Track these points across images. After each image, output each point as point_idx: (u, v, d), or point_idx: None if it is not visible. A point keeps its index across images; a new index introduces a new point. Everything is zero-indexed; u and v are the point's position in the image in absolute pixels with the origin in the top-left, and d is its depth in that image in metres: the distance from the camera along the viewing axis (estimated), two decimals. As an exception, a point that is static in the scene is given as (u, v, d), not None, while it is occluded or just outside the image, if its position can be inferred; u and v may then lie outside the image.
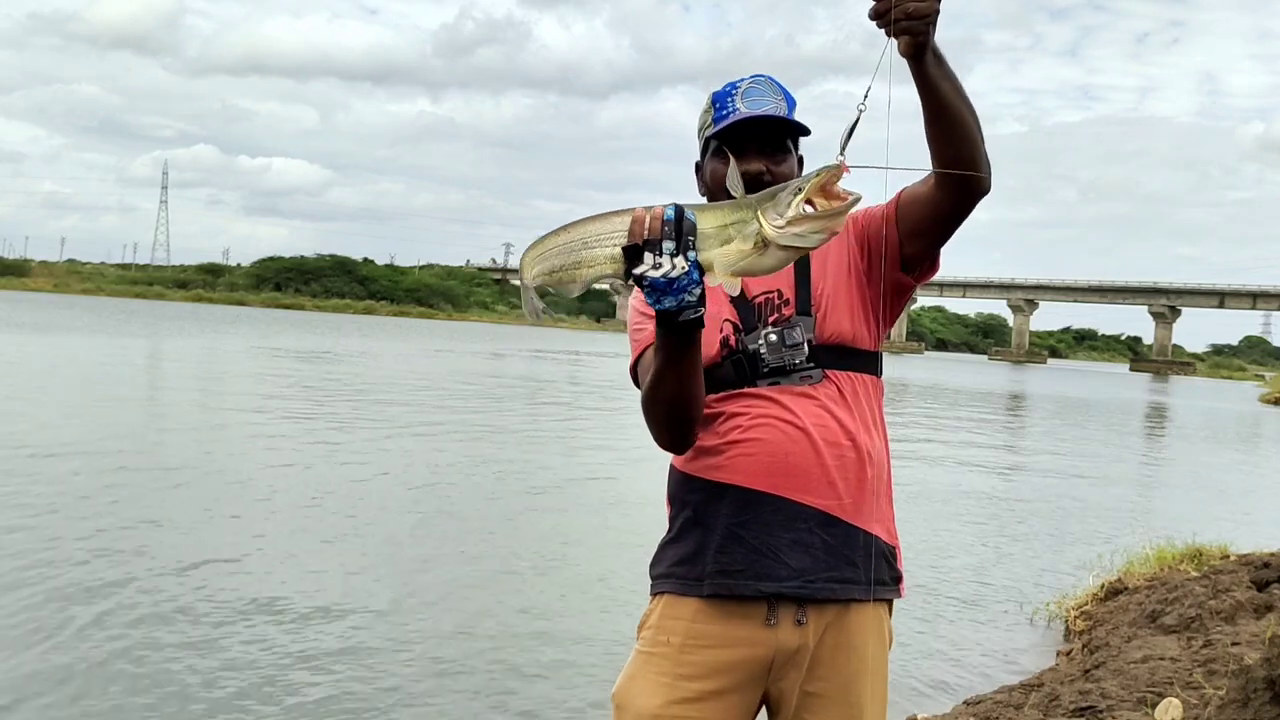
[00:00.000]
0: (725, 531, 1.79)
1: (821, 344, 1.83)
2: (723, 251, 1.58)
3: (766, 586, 1.76)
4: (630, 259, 1.57)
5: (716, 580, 1.79)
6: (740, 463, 1.79)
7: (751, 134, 1.84)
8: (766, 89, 1.87)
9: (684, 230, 1.55)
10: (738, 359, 1.83)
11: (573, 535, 7.99)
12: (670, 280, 1.55)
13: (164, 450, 10.37)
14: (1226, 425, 30.28)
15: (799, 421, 1.78)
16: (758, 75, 1.90)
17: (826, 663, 1.79)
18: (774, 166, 1.84)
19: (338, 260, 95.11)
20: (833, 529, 1.77)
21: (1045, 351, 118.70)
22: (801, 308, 1.84)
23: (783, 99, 1.87)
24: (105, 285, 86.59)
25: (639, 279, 1.57)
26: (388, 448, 11.51)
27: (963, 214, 1.77)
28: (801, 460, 1.77)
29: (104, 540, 6.59)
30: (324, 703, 4.34)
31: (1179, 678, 4.23)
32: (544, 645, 5.27)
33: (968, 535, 9.13)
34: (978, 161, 1.69)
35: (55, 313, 43.28)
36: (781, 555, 1.76)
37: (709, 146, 1.92)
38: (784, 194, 1.57)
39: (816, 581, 1.77)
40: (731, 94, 1.87)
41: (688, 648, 1.80)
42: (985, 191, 1.73)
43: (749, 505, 1.78)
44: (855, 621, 1.80)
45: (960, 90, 1.66)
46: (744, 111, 1.83)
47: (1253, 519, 11.01)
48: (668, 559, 1.88)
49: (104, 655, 4.67)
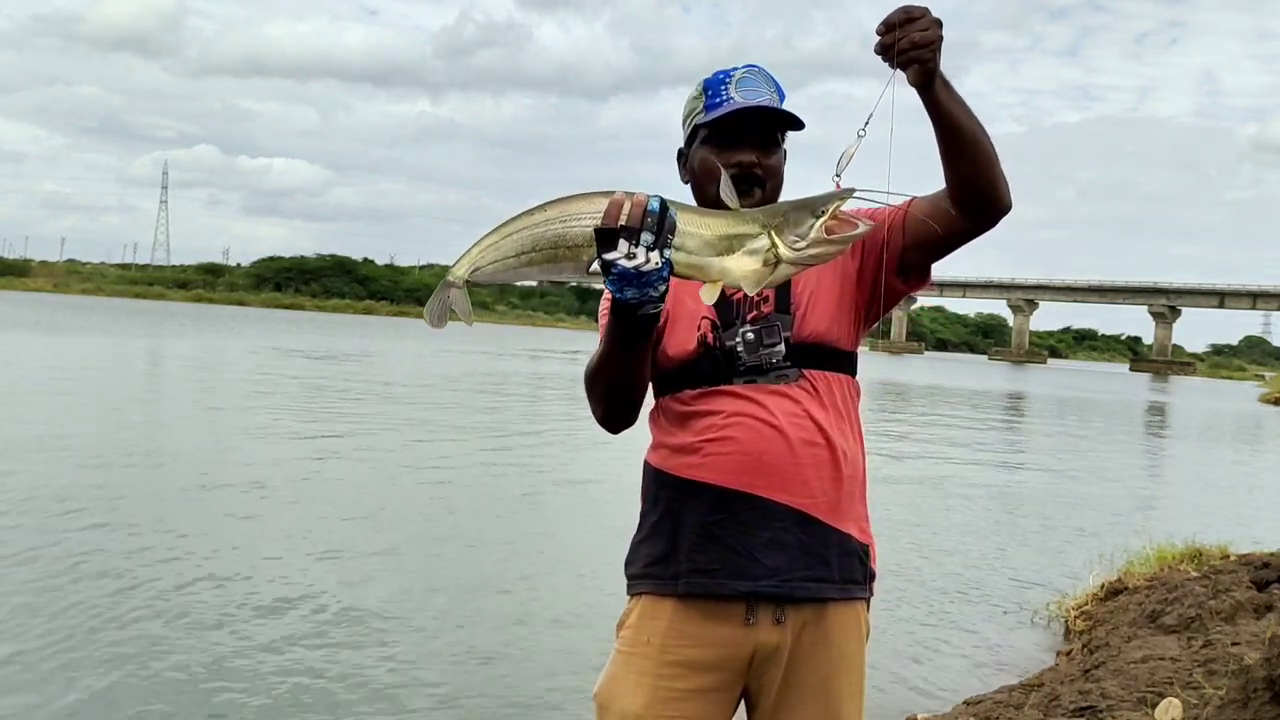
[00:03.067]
0: (700, 530, 1.79)
1: (799, 343, 1.81)
2: (739, 267, 1.56)
3: (743, 586, 1.76)
4: (602, 242, 1.53)
5: (692, 580, 1.78)
6: (715, 461, 1.78)
7: (745, 125, 1.82)
8: (760, 79, 1.86)
9: (665, 227, 1.52)
10: (714, 355, 1.81)
11: (573, 532, 8.00)
12: (640, 273, 1.52)
13: (193, 451, 10.38)
14: (1226, 425, 30.27)
15: (774, 420, 1.77)
16: (751, 65, 1.88)
17: (804, 659, 1.80)
18: (764, 158, 1.83)
19: (338, 260, 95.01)
20: (808, 528, 1.77)
21: (1045, 351, 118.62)
22: (780, 306, 1.82)
23: (774, 90, 1.86)
24: (105, 285, 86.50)
25: (607, 265, 1.53)
26: (412, 446, 11.52)
27: (979, 233, 1.76)
28: (777, 459, 1.76)
29: (116, 537, 6.60)
30: (317, 695, 4.35)
31: (1179, 678, 4.23)
32: (532, 634, 5.28)
33: (968, 535, 9.12)
34: (995, 181, 1.68)
35: (68, 314, 43.24)
36: (757, 554, 1.76)
37: (697, 134, 1.88)
38: (800, 215, 1.55)
39: (793, 580, 1.76)
40: (725, 82, 1.84)
41: (668, 648, 1.80)
42: (1006, 210, 1.72)
43: (724, 504, 1.77)
44: (833, 619, 1.81)
45: (970, 113, 1.66)
46: (739, 101, 1.81)
47: (1253, 519, 11.00)
48: (642, 558, 1.88)
49: (104, 654, 4.67)
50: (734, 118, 1.81)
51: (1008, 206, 1.72)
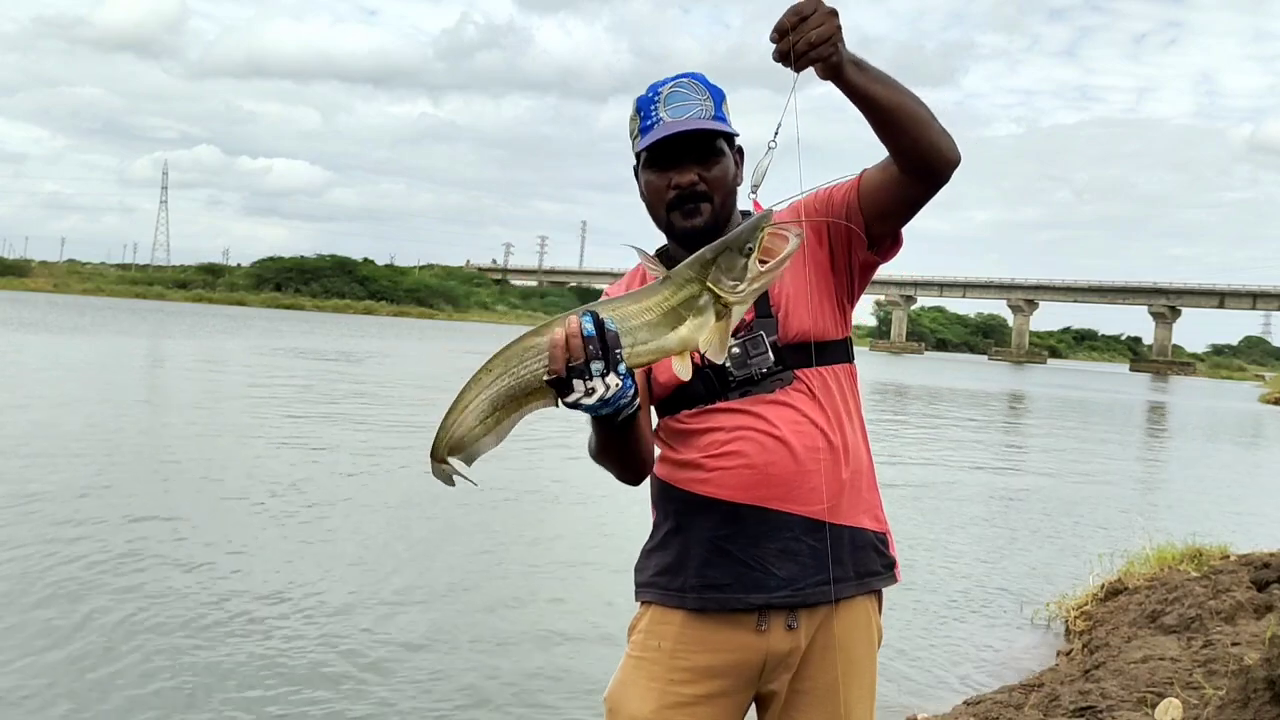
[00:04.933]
0: (709, 544, 1.78)
1: (787, 344, 1.78)
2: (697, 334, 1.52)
3: (757, 599, 1.76)
4: (559, 390, 1.49)
5: (704, 595, 1.77)
6: (721, 477, 1.77)
7: (680, 143, 1.76)
8: (690, 92, 1.78)
9: (609, 344, 1.48)
10: (705, 375, 1.78)
11: (579, 534, 7.99)
12: (606, 400, 1.50)
13: (210, 452, 10.38)
14: (1226, 425, 30.27)
15: (776, 431, 1.75)
16: (681, 77, 1.80)
17: (815, 662, 1.79)
18: (706, 172, 1.78)
19: (338, 260, 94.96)
20: (819, 534, 1.76)
21: (1045, 352, 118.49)
22: (761, 311, 1.79)
23: (708, 97, 1.79)
24: (105, 285, 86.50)
25: (574, 406, 1.50)
26: (412, 446, 11.52)
27: (935, 190, 1.73)
28: (782, 471, 1.75)
29: (129, 535, 6.60)
30: (318, 702, 4.35)
31: (1179, 678, 4.23)
32: (539, 636, 5.28)
33: (968, 535, 9.12)
34: (934, 142, 1.66)
35: (68, 314, 43.24)
36: (769, 566, 1.75)
37: (639, 158, 1.83)
38: (730, 257, 1.51)
39: (806, 588, 1.76)
40: (654, 101, 1.78)
41: (679, 652, 1.79)
42: (954, 165, 1.70)
43: (733, 519, 1.77)
44: (844, 620, 1.80)
45: (890, 84, 1.63)
46: (667, 122, 1.75)
47: (1253, 519, 11.00)
48: (651, 567, 1.87)
49: (102, 653, 4.67)
50: (663, 142, 1.75)
51: (955, 161, 1.69)
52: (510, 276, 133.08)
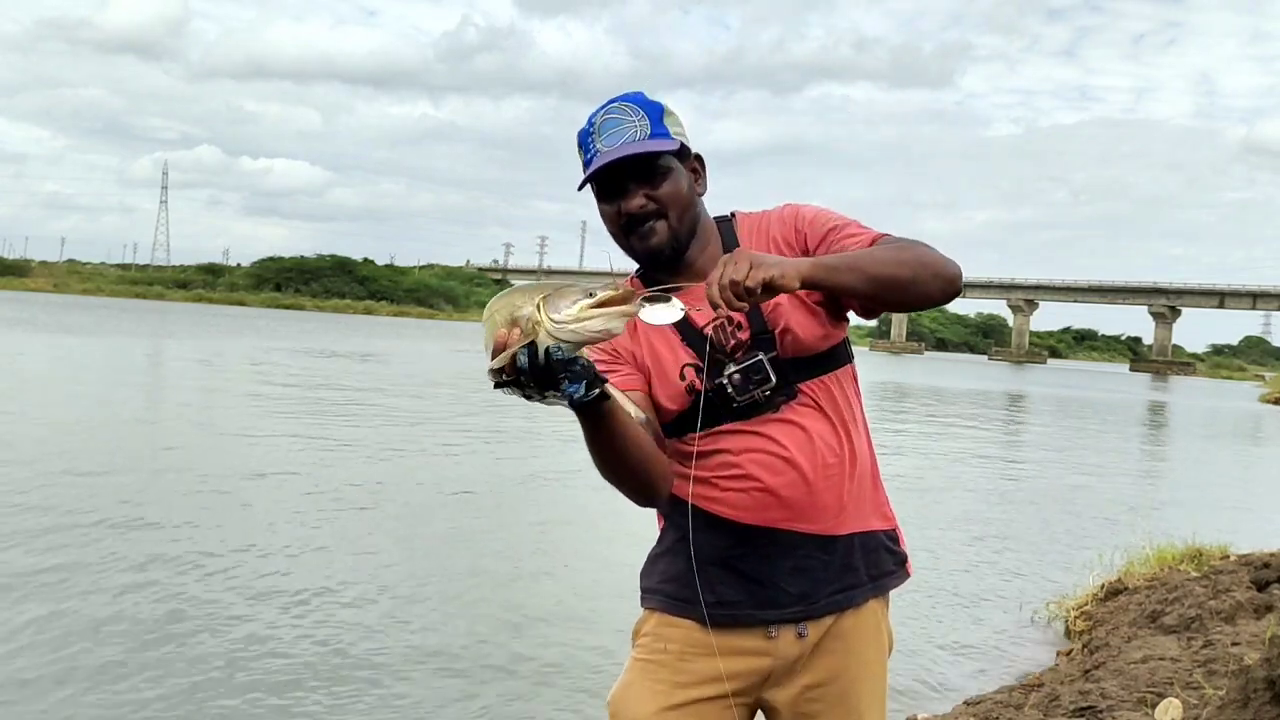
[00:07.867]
0: (720, 562, 1.77)
1: (786, 360, 1.76)
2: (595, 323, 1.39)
3: (769, 615, 1.76)
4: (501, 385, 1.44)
5: (714, 610, 1.76)
6: (733, 498, 1.76)
7: (621, 170, 1.73)
8: (623, 116, 1.75)
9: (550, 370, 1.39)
10: (708, 398, 1.76)
11: (581, 535, 7.99)
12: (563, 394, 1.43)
13: (227, 451, 10.38)
14: (1226, 425, 30.27)
15: (785, 452, 1.74)
16: (613, 102, 1.77)
17: (825, 668, 1.79)
18: (654, 191, 1.74)
19: (338, 260, 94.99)
20: (830, 548, 1.76)
21: (1045, 352, 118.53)
22: (757, 328, 1.76)
23: (644, 117, 1.75)
24: (105, 285, 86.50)
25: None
26: (419, 443, 11.52)
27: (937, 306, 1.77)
28: (793, 491, 1.74)
29: (139, 535, 6.60)
30: (320, 695, 4.35)
31: (1179, 678, 4.23)
32: (543, 638, 5.28)
33: (968, 535, 9.12)
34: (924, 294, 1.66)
35: (70, 314, 43.24)
36: (781, 583, 1.75)
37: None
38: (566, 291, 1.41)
39: (819, 601, 1.76)
40: (590, 133, 1.75)
41: (687, 655, 1.79)
42: (953, 297, 1.70)
43: (745, 539, 1.76)
44: (852, 626, 1.80)
45: (858, 264, 1.61)
46: (602, 152, 1.72)
47: (1253, 519, 11.00)
48: (658, 573, 1.86)
49: (102, 652, 4.68)
50: (604, 172, 1.74)
51: (952, 296, 1.69)
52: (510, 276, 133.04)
